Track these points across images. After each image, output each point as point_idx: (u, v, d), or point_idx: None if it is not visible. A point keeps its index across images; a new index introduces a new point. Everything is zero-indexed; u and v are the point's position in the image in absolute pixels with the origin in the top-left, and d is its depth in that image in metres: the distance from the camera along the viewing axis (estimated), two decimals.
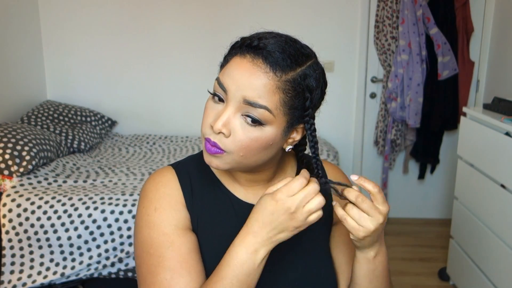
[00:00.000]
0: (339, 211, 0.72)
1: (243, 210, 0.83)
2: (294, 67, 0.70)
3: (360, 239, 0.71)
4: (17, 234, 1.95)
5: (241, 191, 0.85)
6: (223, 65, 0.75)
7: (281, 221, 0.69)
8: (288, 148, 0.78)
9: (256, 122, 0.70)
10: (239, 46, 0.72)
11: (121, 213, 1.98)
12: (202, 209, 0.82)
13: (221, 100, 0.72)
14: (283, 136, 0.74)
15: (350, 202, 0.72)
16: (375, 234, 0.71)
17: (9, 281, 1.93)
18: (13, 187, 2.08)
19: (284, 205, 0.68)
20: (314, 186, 0.69)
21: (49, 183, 2.16)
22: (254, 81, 0.68)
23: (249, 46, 0.70)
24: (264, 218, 0.70)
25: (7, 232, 1.95)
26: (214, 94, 0.73)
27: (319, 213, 0.70)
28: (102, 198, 2.02)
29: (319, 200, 0.69)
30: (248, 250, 0.70)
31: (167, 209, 0.79)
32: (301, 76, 0.71)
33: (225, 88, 0.71)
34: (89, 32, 3.05)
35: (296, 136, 0.77)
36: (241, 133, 0.71)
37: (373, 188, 0.71)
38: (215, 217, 0.83)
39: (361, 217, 0.70)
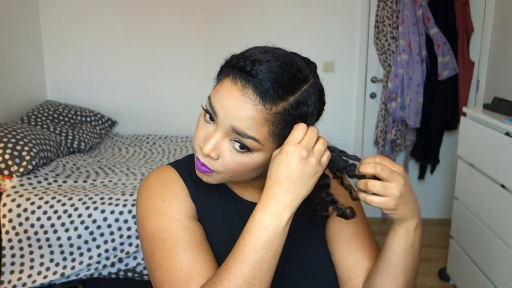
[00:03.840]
0: (361, 195, 0.70)
1: (245, 208, 0.84)
2: (286, 97, 0.68)
3: (393, 209, 0.70)
4: (17, 234, 1.95)
5: (240, 190, 0.86)
6: (218, 79, 0.74)
7: (297, 171, 0.68)
8: None
9: (244, 148, 0.70)
10: (232, 67, 0.70)
11: (121, 213, 1.98)
12: (205, 204, 0.83)
13: (212, 119, 0.72)
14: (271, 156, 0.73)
15: (361, 178, 0.70)
16: (403, 199, 0.70)
17: (9, 281, 1.93)
18: (13, 187, 2.08)
19: (295, 153, 0.68)
20: (313, 128, 0.70)
21: (49, 183, 2.16)
22: (243, 113, 0.67)
23: (242, 71, 0.68)
24: (280, 176, 0.68)
25: (7, 232, 1.95)
26: (206, 111, 0.73)
27: (328, 154, 0.71)
28: (102, 198, 2.02)
29: (323, 140, 0.70)
30: (271, 213, 0.67)
31: (175, 200, 0.79)
32: (292, 106, 0.69)
33: (215, 112, 0.70)
34: (89, 32, 3.05)
35: None
36: (229, 157, 0.71)
37: (373, 159, 0.70)
38: (218, 213, 0.83)
39: (386, 187, 0.68)
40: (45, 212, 1.96)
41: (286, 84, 0.68)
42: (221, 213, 0.83)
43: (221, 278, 0.66)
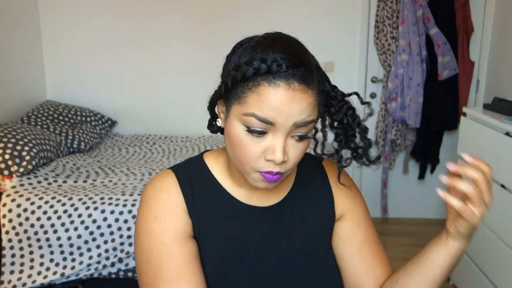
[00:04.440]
0: (454, 202, 0.67)
1: (246, 213, 0.83)
2: (310, 67, 0.72)
3: (474, 226, 0.69)
4: (17, 234, 1.95)
5: (244, 194, 0.84)
6: (242, 91, 0.70)
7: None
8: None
9: (303, 137, 0.73)
10: (260, 75, 0.68)
11: (121, 213, 1.98)
12: (203, 213, 0.82)
13: (262, 132, 0.70)
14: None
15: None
16: (468, 229, 0.71)
17: (9, 281, 1.93)
18: (13, 187, 2.08)
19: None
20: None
21: (49, 183, 2.16)
22: (300, 106, 0.69)
23: (271, 72, 0.67)
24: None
25: (7, 232, 1.95)
26: (254, 131, 0.70)
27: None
28: (102, 198, 2.02)
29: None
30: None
31: (168, 218, 0.79)
32: (314, 71, 0.73)
33: (272, 122, 0.69)
34: (89, 32, 3.05)
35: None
36: (294, 152, 0.73)
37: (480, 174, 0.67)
38: (216, 221, 0.82)
39: (480, 202, 0.66)
40: (45, 212, 1.96)
41: (308, 60, 0.72)
42: (220, 221, 0.82)
43: None
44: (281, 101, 0.67)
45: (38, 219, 1.96)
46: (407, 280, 0.80)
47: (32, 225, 1.95)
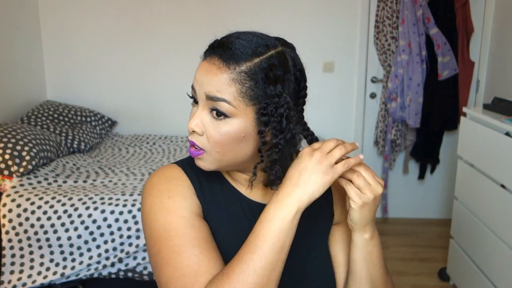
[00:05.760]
0: (342, 180, 0.76)
1: (249, 207, 0.84)
2: (250, 57, 0.72)
3: (360, 207, 0.75)
4: (17, 234, 1.95)
5: (244, 190, 0.85)
6: None
7: (308, 169, 0.72)
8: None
9: (221, 115, 0.73)
10: (205, 52, 0.77)
11: (121, 213, 1.98)
12: (210, 203, 0.83)
13: (196, 102, 0.77)
14: (255, 128, 0.74)
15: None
16: (371, 207, 0.76)
17: (9, 281, 1.93)
18: (13, 187, 2.08)
19: (307, 154, 0.74)
20: (335, 139, 0.76)
21: (49, 183, 2.16)
22: (210, 78, 0.73)
23: (211, 48, 0.76)
24: (292, 173, 0.73)
25: (7, 232, 1.95)
26: (190, 97, 0.79)
27: (344, 163, 0.74)
28: (102, 198, 2.02)
29: (340, 149, 0.74)
30: (279, 205, 0.72)
31: (181, 197, 0.79)
32: (258, 66, 0.72)
33: (194, 90, 0.77)
34: (89, 32, 3.05)
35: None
36: (212, 129, 0.74)
37: (365, 170, 0.77)
38: (223, 211, 0.83)
39: (365, 186, 0.74)
40: (45, 212, 1.96)
41: (249, 48, 0.73)
42: (226, 212, 0.83)
43: (233, 268, 0.68)
44: (200, 71, 0.75)
45: (38, 219, 1.96)
46: (346, 282, 0.86)
47: (32, 225, 1.95)
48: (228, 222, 0.83)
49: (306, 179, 0.72)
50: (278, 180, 0.76)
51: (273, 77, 0.72)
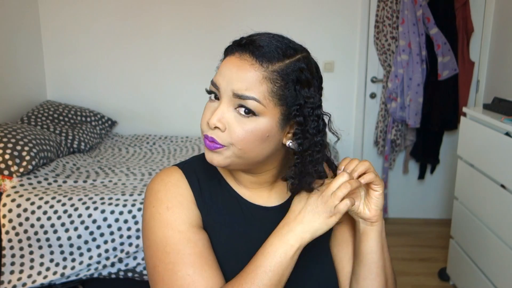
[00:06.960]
0: (355, 181, 0.78)
1: (250, 211, 0.84)
2: (282, 58, 0.72)
3: (381, 195, 0.78)
4: (17, 234, 1.95)
5: (246, 193, 0.85)
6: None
7: (312, 204, 0.74)
8: (288, 143, 0.77)
9: (249, 112, 0.72)
10: (230, 48, 0.75)
11: (121, 213, 1.98)
12: (211, 208, 0.82)
13: (216, 98, 0.75)
14: (279, 128, 0.74)
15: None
16: (382, 201, 0.79)
17: (9, 281, 1.93)
18: (13, 187, 2.08)
19: (317, 192, 0.75)
20: (343, 176, 0.75)
21: (49, 183, 2.16)
22: (241, 74, 0.71)
23: (238, 45, 0.74)
24: (297, 206, 0.75)
25: (7, 232, 1.95)
26: (209, 92, 0.76)
27: (346, 202, 0.74)
28: (102, 198, 2.02)
29: (346, 188, 0.74)
30: (281, 239, 0.73)
31: (180, 208, 0.79)
32: (290, 67, 0.72)
33: (217, 86, 0.74)
34: (89, 32, 3.05)
35: (291, 130, 0.77)
36: (236, 125, 0.72)
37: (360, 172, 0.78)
38: (223, 216, 0.83)
39: (376, 174, 0.79)
40: (45, 212, 1.96)
41: (280, 49, 0.73)
42: (226, 216, 0.83)
43: None
44: (228, 67, 0.73)
45: (38, 219, 1.96)
46: (355, 276, 0.85)
47: (32, 225, 1.95)
48: (229, 226, 0.82)
49: (311, 218, 0.74)
50: (308, 186, 0.75)
51: (305, 80, 0.73)
